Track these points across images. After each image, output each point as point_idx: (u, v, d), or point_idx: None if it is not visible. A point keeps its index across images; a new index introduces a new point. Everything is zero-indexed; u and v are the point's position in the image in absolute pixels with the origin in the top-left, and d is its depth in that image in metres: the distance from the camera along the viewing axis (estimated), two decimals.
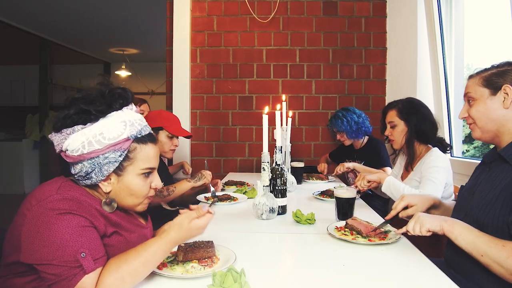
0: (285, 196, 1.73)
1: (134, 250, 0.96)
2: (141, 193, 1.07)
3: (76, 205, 0.92)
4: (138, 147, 1.04)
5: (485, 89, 1.23)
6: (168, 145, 2.15)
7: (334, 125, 2.85)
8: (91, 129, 0.98)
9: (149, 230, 1.20)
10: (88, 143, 0.97)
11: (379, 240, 1.29)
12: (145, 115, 2.83)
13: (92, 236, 0.92)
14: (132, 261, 0.92)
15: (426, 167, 1.88)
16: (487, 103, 1.22)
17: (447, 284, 0.98)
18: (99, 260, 0.90)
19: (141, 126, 1.06)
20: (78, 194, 0.96)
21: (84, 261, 0.87)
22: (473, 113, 1.26)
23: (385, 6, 3.35)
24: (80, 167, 0.99)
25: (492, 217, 1.13)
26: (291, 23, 3.38)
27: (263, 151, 1.65)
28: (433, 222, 1.16)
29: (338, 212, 1.60)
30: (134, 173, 1.04)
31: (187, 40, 3.34)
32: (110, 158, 0.99)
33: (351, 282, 0.99)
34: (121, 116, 1.02)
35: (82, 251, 0.88)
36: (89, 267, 0.88)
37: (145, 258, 0.93)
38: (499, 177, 1.19)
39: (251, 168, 3.43)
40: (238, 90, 3.42)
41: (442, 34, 2.63)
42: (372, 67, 3.38)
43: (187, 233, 1.00)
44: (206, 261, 1.05)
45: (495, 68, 1.25)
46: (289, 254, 1.28)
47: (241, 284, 0.89)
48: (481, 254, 1.06)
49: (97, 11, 5.16)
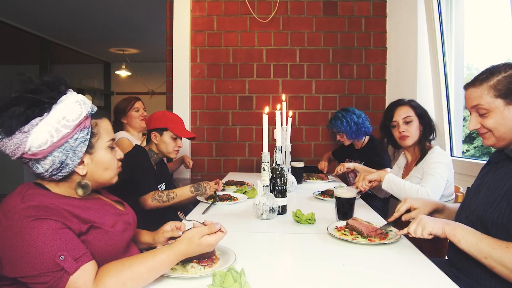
0: (285, 196, 1.73)
1: (140, 256, 0.96)
2: (114, 166, 1.13)
3: (44, 211, 0.91)
4: (98, 122, 1.08)
5: (500, 99, 1.18)
6: (172, 145, 2.16)
7: (334, 126, 2.84)
8: (51, 117, 0.96)
9: (130, 215, 1.21)
10: (55, 131, 0.96)
11: (379, 240, 1.29)
12: (141, 113, 2.83)
13: (67, 236, 0.91)
14: (137, 266, 0.92)
15: (428, 163, 1.89)
16: (505, 113, 1.18)
17: (448, 284, 0.97)
18: (81, 258, 0.89)
19: (90, 103, 1.08)
20: (43, 198, 0.95)
21: (65, 263, 0.86)
22: (489, 124, 1.21)
23: (385, 6, 3.35)
24: (51, 160, 0.97)
25: (497, 215, 1.13)
26: (291, 23, 3.38)
27: (263, 151, 1.65)
28: (435, 226, 1.16)
29: (339, 212, 1.60)
30: (102, 148, 1.08)
31: (187, 40, 3.34)
32: (80, 138, 1.01)
33: (351, 282, 0.99)
34: (73, 97, 1.02)
35: (60, 254, 0.87)
36: (71, 267, 0.87)
37: (150, 265, 0.93)
38: (505, 176, 1.18)
39: (251, 168, 3.43)
40: (238, 90, 3.42)
41: (442, 33, 2.63)
42: (372, 67, 3.38)
43: (196, 248, 1.00)
44: (206, 261, 1.05)
45: (500, 74, 1.19)
46: (289, 254, 1.28)
47: (241, 284, 0.89)
48: (485, 257, 1.05)
49: (97, 11, 5.16)
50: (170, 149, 2.16)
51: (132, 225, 1.20)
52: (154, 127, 2.15)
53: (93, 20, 5.57)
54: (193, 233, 1.01)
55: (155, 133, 2.15)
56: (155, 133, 2.15)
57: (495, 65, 1.24)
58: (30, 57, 7.10)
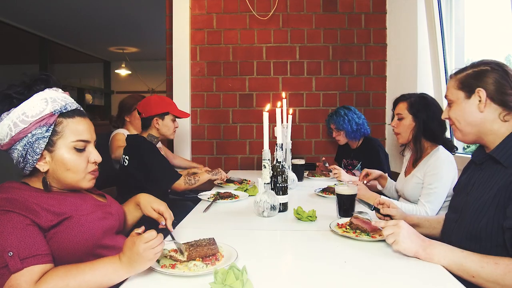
0: (286, 193, 1.73)
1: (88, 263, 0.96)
2: (78, 168, 1.09)
3: (11, 203, 0.94)
4: (64, 121, 1.08)
5: (461, 91, 1.22)
6: (172, 127, 2.31)
7: (335, 121, 2.82)
8: (14, 112, 1.01)
9: (112, 207, 1.22)
10: (13, 125, 1.00)
11: (381, 236, 1.29)
12: None
13: (25, 234, 0.91)
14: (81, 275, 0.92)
15: (430, 169, 1.86)
16: (463, 106, 1.21)
17: (450, 280, 0.97)
18: (29, 259, 0.89)
19: (66, 102, 1.08)
20: (17, 191, 0.98)
21: (11, 260, 0.87)
22: (452, 115, 1.26)
23: (385, 2, 3.34)
24: (17, 154, 1.03)
25: (486, 221, 1.12)
26: (290, 20, 3.38)
27: (263, 148, 1.65)
28: (408, 248, 1.09)
29: (340, 208, 1.60)
30: (65, 147, 1.07)
31: (187, 38, 3.34)
32: (38, 135, 1.03)
33: (353, 279, 0.99)
34: (42, 95, 1.05)
35: (9, 250, 0.88)
36: (14, 266, 0.87)
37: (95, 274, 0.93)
38: (492, 179, 1.17)
39: (252, 165, 3.43)
40: (238, 87, 3.42)
41: (442, 29, 2.62)
42: (372, 64, 3.37)
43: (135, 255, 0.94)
44: (210, 258, 1.05)
45: (471, 68, 1.23)
46: (291, 251, 1.28)
47: (243, 282, 0.89)
48: (472, 276, 1.01)
49: (96, 10, 5.15)
50: (170, 131, 2.30)
51: (115, 216, 1.20)
52: (156, 113, 2.24)
53: (93, 19, 5.57)
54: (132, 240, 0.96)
55: (157, 118, 2.24)
56: (157, 118, 2.24)
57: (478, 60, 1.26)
58: (30, 57, 7.10)
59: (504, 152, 1.15)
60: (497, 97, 1.16)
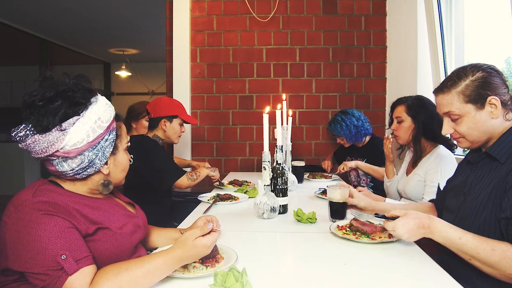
0: (286, 195, 1.73)
1: (138, 259, 0.96)
2: (127, 167, 1.16)
3: (53, 207, 0.92)
4: (120, 125, 1.12)
5: (470, 104, 1.18)
6: (179, 131, 2.31)
7: (333, 130, 2.85)
8: (89, 117, 0.99)
9: (140, 218, 1.21)
10: (92, 131, 0.99)
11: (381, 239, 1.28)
12: None
13: (72, 237, 0.91)
14: (133, 270, 0.91)
15: (431, 167, 1.88)
16: (477, 118, 1.19)
17: (450, 282, 0.97)
18: (82, 260, 0.89)
19: None
20: (55, 195, 0.96)
21: (65, 263, 0.86)
22: (462, 130, 1.22)
23: (384, 4, 3.34)
24: (80, 159, 0.99)
25: (485, 216, 1.13)
26: (291, 22, 3.38)
27: (263, 150, 1.65)
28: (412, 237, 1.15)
29: (331, 212, 1.55)
30: (122, 149, 1.12)
31: (187, 40, 3.34)
32: (109, 140, 1.05)
33: (353, 281, 0.99)
34: (103, 99, 1.06)
35: (62, 253, 0.87)
36: (71, 268, 0.87)
37: (146, 269, 0.92)
38: (489, 176, 1.18)
39: (252, 167, 3.43)
40: (239, 89, 3.42)
41: (442, 31, 2.62)
42: (372, 66, 3.38)
43: (191, 250, 0.98)
44: (209, 260, 1.05)
45: (467, 78, 1.19)
46: (291, 253, 1.28)
47: (243, 284, 0.89)
48: (469, 258, 1.07)
49: (96, 12, 5.16)
50: (176, 135, 2.31)
51: (142, 228, 1.20)
52: (165, 115, 2.25)
53: (93, 20, 5.58)
54: (186, 236, 1.00)
55: (165, 120, 2.25)
56: (165, 120, 2.25)
57: (462, 67, 1.24)
58: (30, 58, 7.11)
59: (501, 149, 1.17)
60: (503, 99, 1.17)
